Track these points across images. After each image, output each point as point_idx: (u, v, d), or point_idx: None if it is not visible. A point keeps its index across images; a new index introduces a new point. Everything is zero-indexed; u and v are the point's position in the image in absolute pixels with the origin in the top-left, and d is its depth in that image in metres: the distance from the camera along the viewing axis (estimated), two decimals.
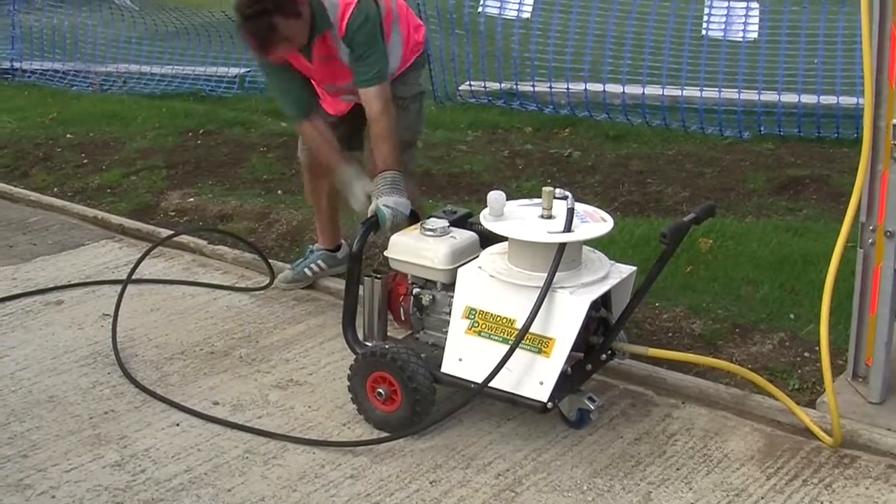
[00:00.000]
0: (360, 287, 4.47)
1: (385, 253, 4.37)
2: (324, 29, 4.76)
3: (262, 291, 5.78)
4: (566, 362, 3.84)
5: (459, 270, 4.08)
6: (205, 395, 4.60)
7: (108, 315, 5.38)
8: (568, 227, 3.82)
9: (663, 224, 5.26)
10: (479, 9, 9.75)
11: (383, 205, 4.52)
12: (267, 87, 10.25)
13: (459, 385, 4.04)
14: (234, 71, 10.90)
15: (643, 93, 9.13)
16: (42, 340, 5.24)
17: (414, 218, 4.57)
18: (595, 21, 9.41)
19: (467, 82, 10.06)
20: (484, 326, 3.95)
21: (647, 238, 5.81)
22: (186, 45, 11.77)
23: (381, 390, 4.15)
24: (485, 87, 9.80)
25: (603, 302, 4.09)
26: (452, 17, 10.18)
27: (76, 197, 7.61)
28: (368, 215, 4.55)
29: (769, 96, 8.88)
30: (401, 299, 4.44)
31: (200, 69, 10.96)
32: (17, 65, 12.20)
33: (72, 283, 6.02)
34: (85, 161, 8.42)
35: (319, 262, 5.80)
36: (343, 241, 5.87)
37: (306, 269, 5.79)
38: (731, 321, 5.03)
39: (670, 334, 4.98)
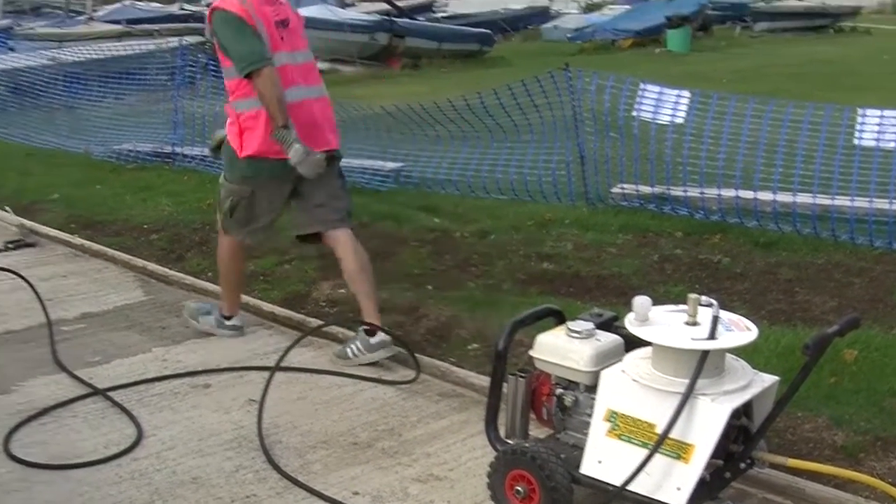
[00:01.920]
0: (504, 385, 4.51)
1: (530, 352, 4.41)
2: None
3: (407, 385, 5.84)
4: (705, 469, 3.81)
5: (603, 373, 4.10)
6: (345, 484, 4.65)
7: (254, 401, 5.49)
8: (712, 335, 3.82)
9: (809, 334, 5.20)
10: (634, 112, 9.79)
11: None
12: (418, 182, 10.45)
13: (598, 487, 4.04)
14: (389, 165, 11.07)
15: (794, 201, 9.04)
16: (188, 422, 5.37)
17: None
18: (748, 128, 9.38)
19: (619, 185, 10.07)
20: (624, 429, 3.95)
21: (792, 348, 5.74)
22: (344, 138, 11.92)
23: (519, 488, 4.16)
24: (637, 190, 9.81)
25: (744, 410, 4.06)
26: (607, 119, 10.24)
27: None
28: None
29: None
30: (544, 399, 4.45)
31: (356, 162, 11.15)
32: (178, 150, 12.58)
33: (220, 367, 6.15)
34: None
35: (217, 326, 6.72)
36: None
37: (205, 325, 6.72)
38: (873, 434, 4.93)
39: (811, 445, 4.90)
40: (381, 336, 6.12)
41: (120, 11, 38.75)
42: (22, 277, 7.45)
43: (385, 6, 32.34)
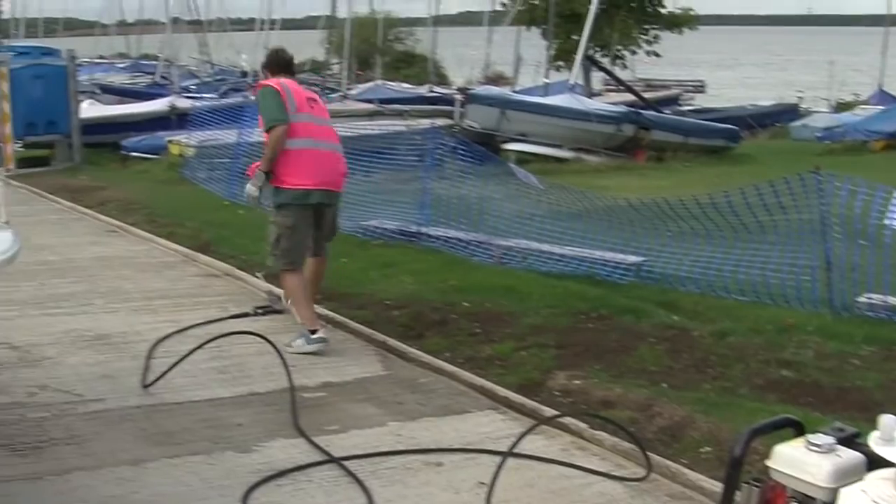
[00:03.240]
0: (738, 493, 4.45)
1: (766, 462, 4.34)
2: None
3: (636, 483, 5.82)
4: None
5: (842, 491, 4.00)
6: None
7: (483, 484, 5.56)
8: None
9: None
10: (886, 221, 9.57)
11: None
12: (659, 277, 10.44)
13: None
14: (631, 258, 11.05)
15: None
16: (419, 498, 5.48)
17: None
18: None
19: (866, 294, 9.81)
20: None
21: None
22: (587, 228, 12.03)
23: None
24: (885, 301, 9.55)
25: None
26: (857, 226, 10.03)
27: (466, 364, 7.91)
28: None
29: None
30: None
31: (598, 253, 11.16)
32: (423, 229, 12.80)
33: (453, 447, 6.26)
34: (478, 330, 8.75)
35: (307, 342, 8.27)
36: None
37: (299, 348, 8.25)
38: None
39: None
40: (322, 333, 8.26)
41: (372, 91, 39.95)
42: (269, 342, 7.73)
43: (632, 97, 32.39)
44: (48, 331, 8.78)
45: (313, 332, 8.27)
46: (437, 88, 42.86)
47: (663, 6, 42.26)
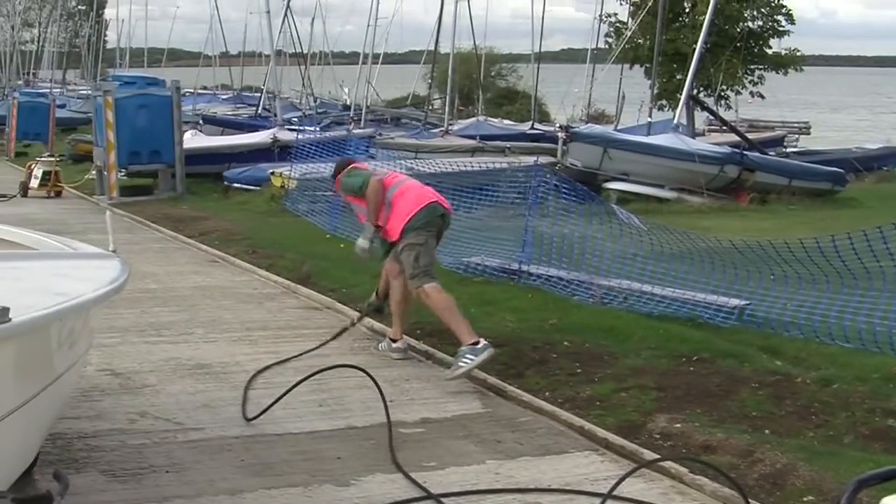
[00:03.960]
0: None
1: None
2: None
3: None
4: None
5: None
6: None
7: None
8: None
9: None
10: None
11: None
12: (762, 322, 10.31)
13: None
14: (734, 302, 10.90)
15: None
16: None
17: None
18: None
19: None
20: None
21: None
22: (689, 269, 11.92)
23: None
24: None
25: None
26: None
27: (566, 404, 7.87)
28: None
29: None
30: None
31: (700, 295, 11.04)
32: (524, 267, 12.76)
33: (551, 487, 6.22)
34: (578, 370, 8.71)
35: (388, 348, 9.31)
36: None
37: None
38: None
39: None
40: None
41: (474, 127, 40.19)
42: (370, 376, 7.75)
43: (736, 138, 32.12)
44: (149, 358, 8.92)
45: (475, 343, 8.39)
46: (539, 126, 42.95)
47: (769, 46, 42.01)
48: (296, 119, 38.34)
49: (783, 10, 41.57)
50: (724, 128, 35.96)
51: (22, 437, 4.98)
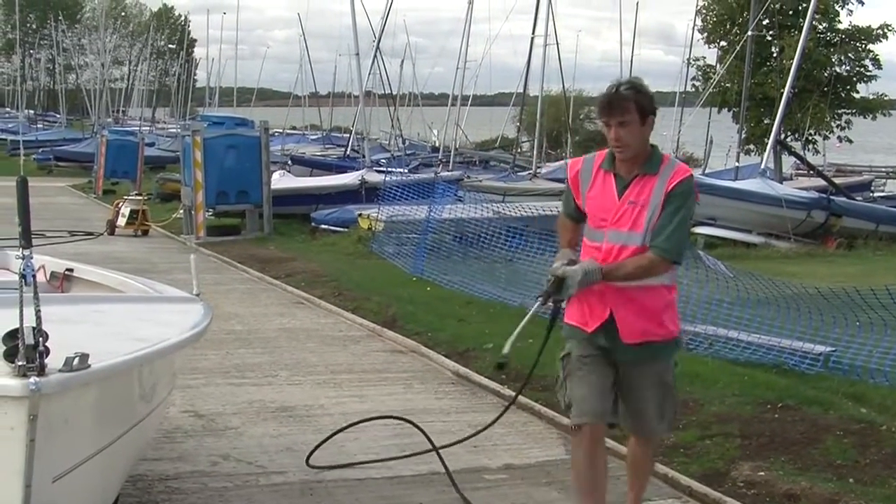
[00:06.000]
0: None
1: None
2: (654, 171, 5.47)
3: None
4: None
5: None
6: None
7: None
8: None
9: None
10: None
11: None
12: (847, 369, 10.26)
13: None
14: (819, 348, 10.80)
15: None
16: None
17: None
18: None
19: None
20: None
21: None
22: (775, 315, 11.85)
23: None
24: None
25: None
26: None
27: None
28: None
29: None
30: None
31: (786, 342, 10.96)
32: None
33: None
34: None
35: None
36: None
37: None
38: None
39: None
40: None
41: (563, 170, 40.10)
42: (420, 430, 7.74)
43: (823, 183, 31.88)
44: (233, 400, 9.04)
45: None
46: None
47: (856, 91, 41.67)
48: (384, 160, 38.51)
49: (870, 55, 41.29)
50: (812, 172, 35.75)
51: (101, 480, 5.05)
